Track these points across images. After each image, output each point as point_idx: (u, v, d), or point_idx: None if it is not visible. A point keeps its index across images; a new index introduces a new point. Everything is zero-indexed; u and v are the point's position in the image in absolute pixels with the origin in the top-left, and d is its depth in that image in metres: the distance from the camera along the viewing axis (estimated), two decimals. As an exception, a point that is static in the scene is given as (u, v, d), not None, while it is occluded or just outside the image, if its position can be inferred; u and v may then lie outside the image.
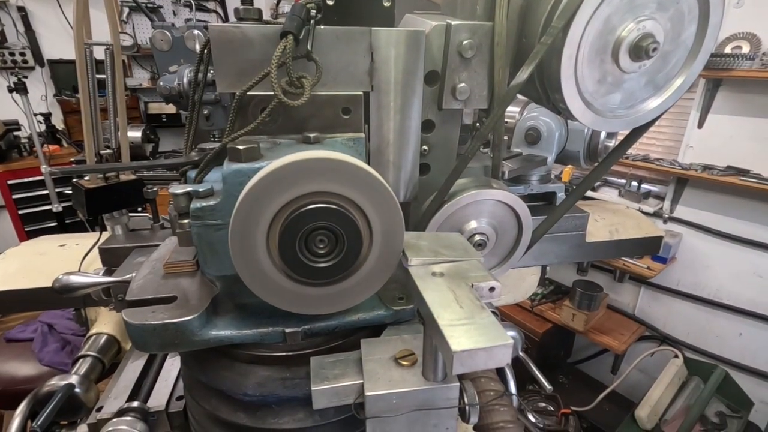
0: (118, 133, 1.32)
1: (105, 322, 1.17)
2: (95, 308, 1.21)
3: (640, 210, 3.57)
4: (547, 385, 1.27)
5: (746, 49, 2.98)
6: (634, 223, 1.42)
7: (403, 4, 0.84)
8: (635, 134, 0.84)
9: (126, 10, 5.01)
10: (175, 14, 5.41)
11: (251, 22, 0.71)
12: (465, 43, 0.75)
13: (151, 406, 0.95)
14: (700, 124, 3.35)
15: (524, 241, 0.94)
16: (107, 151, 1.26)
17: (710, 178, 3.17)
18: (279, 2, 1.00)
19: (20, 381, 2.37)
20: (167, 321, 0.65)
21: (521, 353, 1.15)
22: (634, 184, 3.82)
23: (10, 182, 4.43)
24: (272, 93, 0.64)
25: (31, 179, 4.51)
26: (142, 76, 5.43)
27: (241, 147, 0.62)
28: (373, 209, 0.61)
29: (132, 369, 1.07)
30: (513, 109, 1.34)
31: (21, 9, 4.59)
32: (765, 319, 3.31)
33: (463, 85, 0.78)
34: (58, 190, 4.32)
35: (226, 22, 4.79)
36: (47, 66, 4.85)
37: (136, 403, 0.93)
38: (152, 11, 4.74)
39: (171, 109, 5.04)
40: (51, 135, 4.77)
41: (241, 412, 0.75)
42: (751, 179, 3.03)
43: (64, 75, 4.88)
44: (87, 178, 1.18)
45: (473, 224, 0.88)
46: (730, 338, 3.51)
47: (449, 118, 0.85)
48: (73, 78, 1.86)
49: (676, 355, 3.39)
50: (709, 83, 3.21)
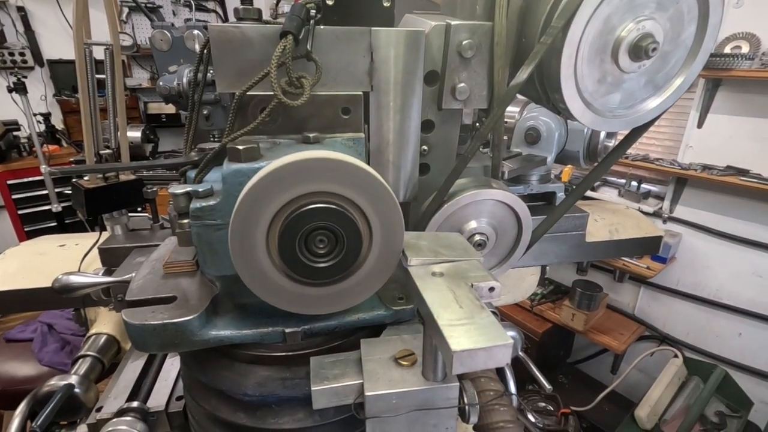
0: (117, 133, 1.32)
1: (105, 322, 1.17)
2: (95, 308, 1.21)
3: (639, 210, 3.57)
4: (547, 385, 1.27)
5: (746, 49, 2.98)
6: (633, 223, 1.42)
7: (402, 4, 0.84)
8: (635, 134, 0.84)
9: (125, 10, 5.01)
10: (174, 14, 5.41)
11: (251, 22, 0.71)
12: (465, 43, 0.75)
13: (151, 406, 0.95)
14: (700, 124, 3.36)
15: (524, 241, 0.94)
16: (107, 151, 1.26)
17: (710, 178, 3.17)
18: (279, 2, 1.00)
19: (20, 381, 2.37)
20: (167, 321, 0.65)
21: (521, 353, 1.15)
22: (634, 183, 3.82)
23: (9, 182, 4.43)
24: (272, 93, 0.64)
25: (30, 179, 4.51)
26: (141, 76, 5.43)
27: (240, 147, 0.62)
28: (373, 209, 0.61)
29: (132, 369, 1.07)
30: (513, 109, 1.34)
31: (20, 9, 4.59)
32: (765, 319, 3.31)
33: (462, 85, 0.78)
34: (57, 190, 4.32)
35: (226, 22, 4.79)
36: (47, 66, 4.85)
37: (135, 403, 0.93)
38: (152, 11, 4.73)
39: (170, 109, 5.04)
40: (50, 135, 4.77)
41: (241, 412, 0.75)
42: (750, 179, 3.03)
43: (64, 75, 4.88)
44: (86, 178, 1.18)
45: (473, 224, 0.88)
46: (730, 338, 3.51)
47: (449, 118, 0.85)
48: (72, 78, 1.86)
49: (676, 355, 3.39)
50: (708, 83, 3.21)
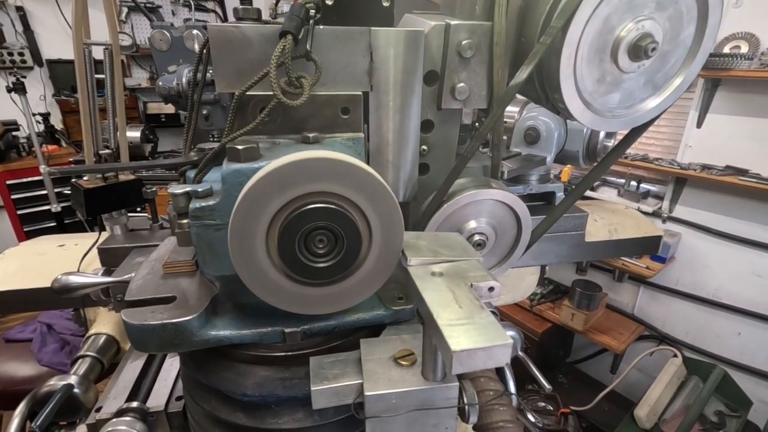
0: (117, 133, 1.32)
1: (104, 323, 1.17)
2: (94, 308, 1.21)
3: (639, 210, 3.57)
4: (547, 385, 1.27)
5: (745, 48, 2.99)
6: (633, 223, 1.42)
7: (402, 3, 0.84)
8: (634, 134, 0.85)
9: (125, 9, 5.00)
10: (174, 14, 5.41)
11: (250, 22, 0.71)
12: (464, 42, 0.75)
13: (151, 406, 0.95)
14: (699, 124, 3.36)
15: (523, 240, 0.94)
16: (106, 151, 1.26)
17: (709, 178, 3.17)
18: (278, 2, 1.00)
19: (19, 381, 2.36)
20: (166, 321, 0.65)
21: (520, 353, 1.15)
22: (633, 183, 3.82)
23: (8, 182, 4.43)
24: (271, 93, 0.63)
25: (29, 179, 4.51)
26: (141, 76, 5.43)
27: (240, 147, 0.62)
28: (373, 209, 0.61)
29: (131, 369, 1.07)
30: (512, 108, 1.34)
31: (20, 9, 4.58)
32: (764, 318, 3.31)
33: (462, 84, 0.78)
34: (57, 190, 4.31)
35: (225, 21, 4.79)
36: (46, 66, 4.85)
37: (135, 404, 0.92)
38: (151, 11, 4.73)
39: (170, 109, 5.04)
40: (50, 135, 4.77)
41: (241, 412, 0.75)
42: (750, 179, 3.03)
43: (63, 75, 4.88)
44: (86, 178, 1.18)
45: (472, 224, 0.88)
46: (729, 338, 3.51)
47: (448, 118, 0.85)
48: (71, 78, 1.86)
49: (675, 355, 3.39)
50: (707, 83, 3.22)
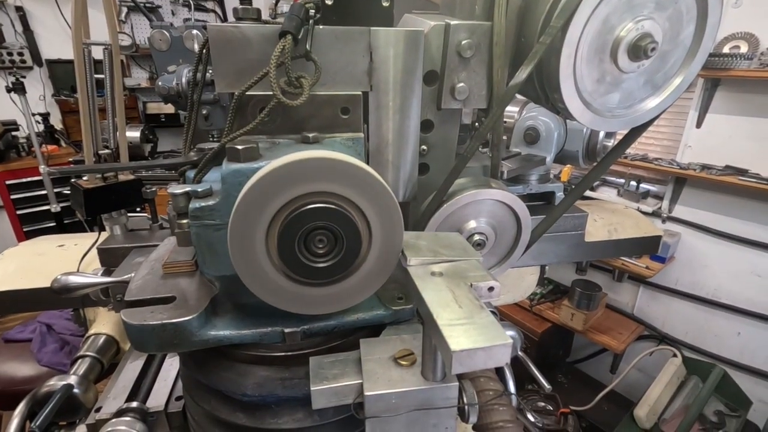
0: (116, 133, 1.32)
1: (104, 323, 1.17)
2: (94, 308, 1.21)
3: (638, 209, 3.57)
4: (546, 385, 1.27)
5: (744, 48, 2.99)
6: (632, 223, 1.42)
7: (401, 3, 0.84)
8: (634, 134, 0.85)
9: (124, 9, 5.00)
10: (173, 14, 5.41)
11: (250, 22, 0.71)
12: (464, 42, 0.75)
13: (150, 406, 0.94)
14: (699, 124, 3.36)
15: (523, 240, 0.94)
16: (106, 151, 1.26)
17: (709, 178, 3.17)
18: (278, 2, 0.99)
19: (19, 381, 2.36)
20: (166, 321, 0.65)
21: (520, 353, 1.15)
22: (633, 183, 3.82)
23: (8, 182, 4.43)
24: (271, 93, 0.63)
25: (29, 179, 4.51)
26: (140, 76, 5.43)
27: (239, 147, 0.62)
28: (372, 209, 0.61)
29: (131, 369, 1.07)
30: (512, 108, 1.34)
31: (19, 9, 4.58)
32: (763, 318, 3.31)
33: (462, 84, 0.78)
34: (56, 190, 4.31)
35: (225, 21, 4.78)
36: (45, 66, 4.85)
37: (135, 404, 0.92)
38: (151, 11, 4.73)
39: (169, 108, 5.04)
40: (49, 135, 4.77)
41: (240, 413, 0.75)
42: (749, 179, 3.04)
43: (63, 75, 4.88)
44: (85, 178, 1.18)
45: (472, 224, 0.88)
46: (729, 337, 3.52)
47: (448, 118, 0.85)
48: (71, 78, 1.86)
49: (675, 355, 3.40)
50: (707, 83, 3.22)
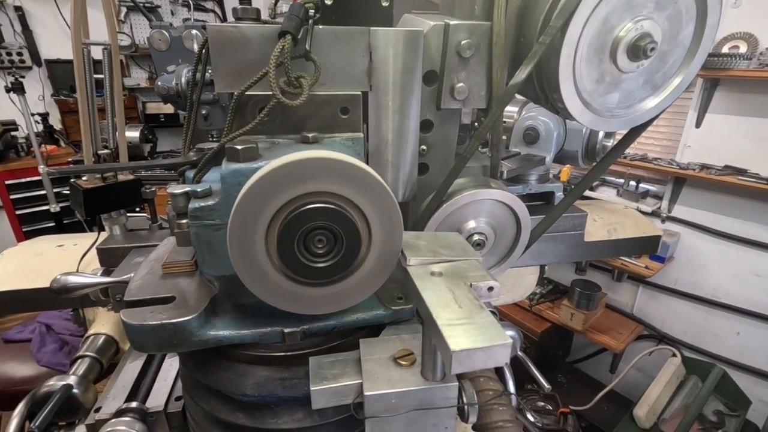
0: (115, 133, 1.32)
1: (103, 323, 1.17)
2: (93, 308, 1.21)
3: (638, 209, 3.57)
4: (546, 385, 1.27)
5: (744, 48, 2.99)
6: (632, 223, 1.42)
7: (401, 3, 0.84)
8: (633, 134, 0.85)
9: (124, 9, 5.00)
10: (173, 14, 5.41)
11: (249, 22, 0.71)
12: (463, 42, 0.75)
13: (150, 406, 0.94)
14: (698, 124, 3.36)
15: (523, 240, 0.94)
16: (105, 151, 1.26)
17: (708, 178, 3.17)
18: (277, 2, 1.00)
19: (18, 382, 2.36)
20: (165, 321, 0.64)
21: (520, 353, 1.15)
22: (633, 183, 3.83)
23: (7, 182, 4.43)
24: (270, 93, 0.63)
25: (28, 179, 4.51)
26: (140, 76, 5.42)
27: (239, 147, 0.62)
28: (372, 209, 0.61)
29: (130, 369, 1.06)
30: (511, 108, 1.34)
31: (18, 9, 4.58)
32: (763, 318, 3.32)
33: (461, 84, 0.78)
34: (56, 190, 4.31)
35: (224, 21, 4.78)
36: (44, 66, 4.85)
37: (134, 404, 0.92)
38: (150, 11, 4.73)
39: (169, 108, 5.03)
40: (48, 135, 4.77)
41: (240, 413, 0.75)
42: (748, 179, 3.04)
43: (62, 75, 4.88)
44: (85, 178, 1.18)
45: (472, 224, 0.88)
46: (728, 337, 3.52)
47: (448, 118, 0.85)
48: (70, 78, 1.86)
49: (674, 354, 3.40)
50: (706, 83, 3.22)
